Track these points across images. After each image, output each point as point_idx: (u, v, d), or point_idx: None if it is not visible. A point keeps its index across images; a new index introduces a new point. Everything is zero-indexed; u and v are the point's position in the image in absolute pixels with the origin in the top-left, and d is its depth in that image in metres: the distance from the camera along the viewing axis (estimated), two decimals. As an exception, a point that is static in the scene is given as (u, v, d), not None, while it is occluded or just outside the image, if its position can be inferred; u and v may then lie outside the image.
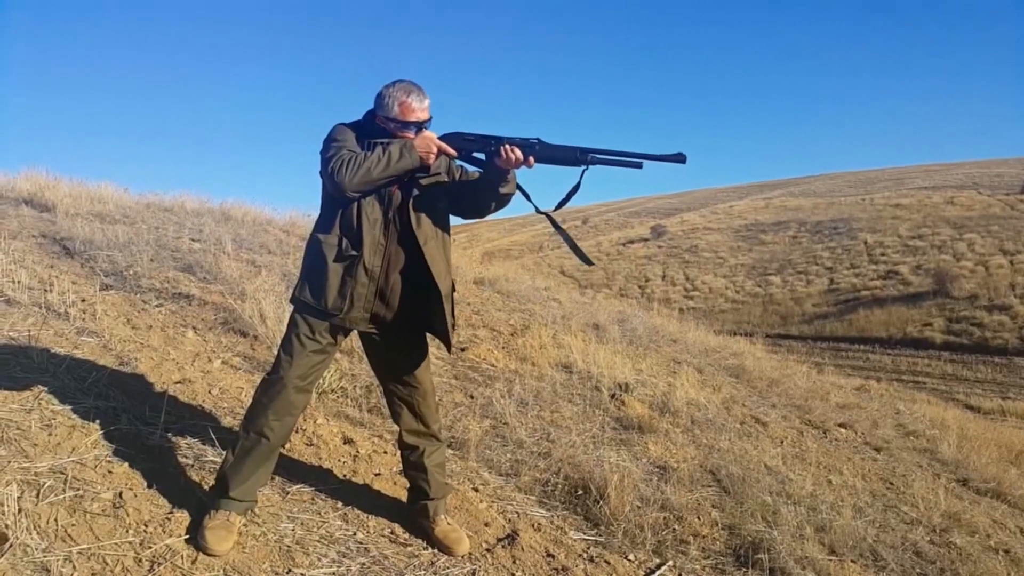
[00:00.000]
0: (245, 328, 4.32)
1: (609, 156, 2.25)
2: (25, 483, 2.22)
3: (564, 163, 2.26)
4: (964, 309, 24.54)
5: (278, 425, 2.28)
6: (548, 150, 2.24)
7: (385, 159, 2.14)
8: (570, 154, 2.26)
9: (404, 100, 2.23)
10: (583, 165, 2.26)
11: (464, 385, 4.55)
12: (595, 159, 2.25)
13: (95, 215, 7.12)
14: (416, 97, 2.24)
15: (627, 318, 8.73)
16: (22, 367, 2.97)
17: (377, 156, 2.14)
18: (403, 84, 2.25)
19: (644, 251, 41.32)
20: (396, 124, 2.24)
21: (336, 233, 2.23)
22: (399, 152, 2.16)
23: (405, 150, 2.17)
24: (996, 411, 14.46)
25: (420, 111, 2.25)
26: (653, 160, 2.23)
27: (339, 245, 2.22)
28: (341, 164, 2.12)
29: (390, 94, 2.24)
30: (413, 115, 2.24)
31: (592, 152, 2.25)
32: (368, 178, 2.13)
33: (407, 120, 2.23)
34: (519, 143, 2.22)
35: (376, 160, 2.13)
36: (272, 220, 9.13)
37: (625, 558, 2.72)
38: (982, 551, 3.67)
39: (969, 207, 38.23)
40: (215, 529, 2.19)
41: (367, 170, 2.12)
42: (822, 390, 7.81)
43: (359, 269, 2.23)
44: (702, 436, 4.52)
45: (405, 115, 2.23)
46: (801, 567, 2.89)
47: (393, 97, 2.23)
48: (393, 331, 2.37)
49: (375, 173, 2.13)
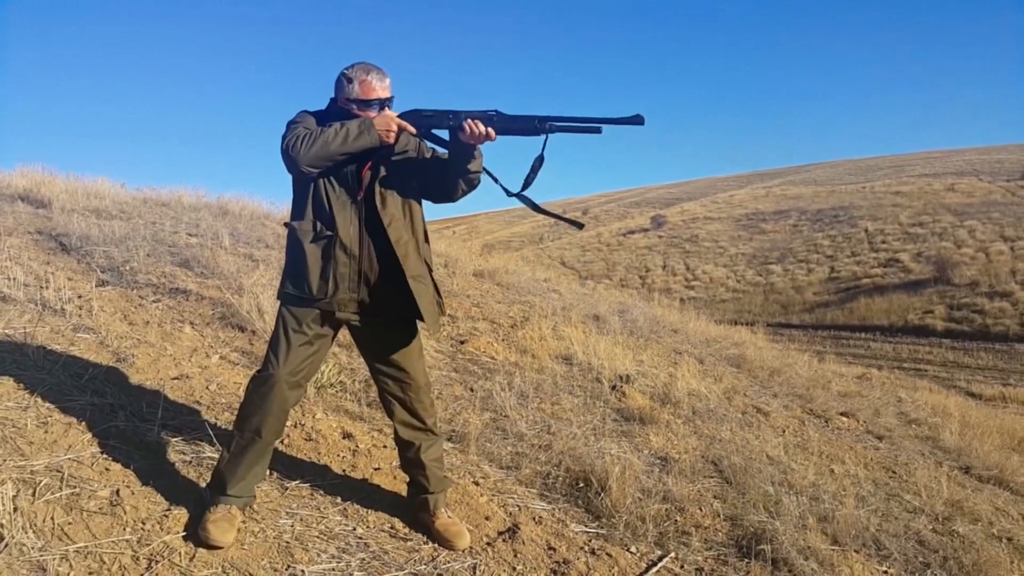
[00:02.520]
0: (243, 323, 4.30)
1: (568, 123, 2.20)
2: (21, 481, 2.20)
3: (523, 133, 2.22)
4: (965, 296, 24.52)
5: (271, 422, 2.26)
6: (507, 121, 2.20)
7: (343, 134, 2.11)
8: (529, 123, 2.21)
9: (364, 79, 2.20)
10: (543, 134, 2.21)
11: (464, 378, 4.53)
12: (554, 127, 2.20)
13: (91, 211, 7.08)
14: (376, 75, 2.21)
15: (627, 309, 8.71)
16: (18, 364, 2.95)
17: (334, 131, 2.11)
18: (362, 64, 2.23)
19: (644, 241, 41.28)
20: (358, 104, 2.21)
21: (309, 218, 2.22)
22: (357, 129, 2.13)
23: (364, 127, 2.14)
24: (997, 398, 14.46)
25: (381, 89, 2.22)
26: (611, 124, 2.18)
27: (314, 229, 2.21)
28: (296, 139, 2.10)
29: (349, 75, 2.22)
30: (373, 93, 2.21)
31: (551, 120, 2.20)
32: (324, 152, 2.10)
33: (368, 99, 2.21)
34: (478, 115, 2.19)
35: (333, 134, 2.11)
36: (270, 214, 9.08)
37: (627, 550, 2.71)
38: (985, 539, 3.66)
39: (969, 194, 38.17)
40: (217, 521, 2.18)
41: (322, 144, 2.09)
42: (823, 379, 7.79)
43: (336, 249, 2.20)
44: (703, 427, 4.51)
45: (366, 94, 2.20)
46: (804, 557, 2.88)
47: (353, 78, 2.21)
48: (379, 319, 2.34)
49: (332, 147, 2.10)
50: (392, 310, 2.33)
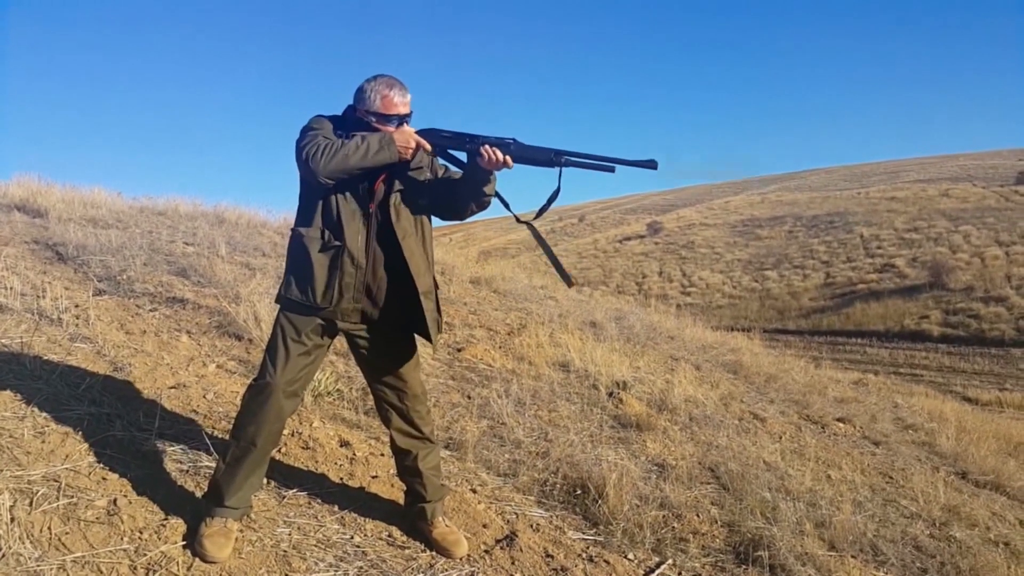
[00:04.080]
0: (240, 332, 4.30)
1: (583, 159, 2.24)
2: (18, 491, 2.19)
3: (538, 164, 2.25)
4: (960, 301, 24.59)
5: (267, 431, 2.25)
6: (523, 150, 2.23)
7: (364, 148, 2.12)
8: (545, 155, 2.24)
9: (386, 93, 2.22)
10: (557, 167, 2.24)
11: (461, 385, 4.53)
12: (569, 161, 2.24)
13: (88, 220, 7.08)
14: (398, 91, 2.23)
15: (624, 315, 8.73)
16: (15, 374, 2.95)
17: (355, 144, 2.13)
18: (385, 78, 2.24)
19: (641, 248, 41.35)
20: (377, 117, 2.23)
21: (318, 226, 2.22)
22: (378, 144, 2.14)
23: (384, 142, 2.15)
24: (994, 403, 14.50)
25: (401, 105, 2.23)
26: (625, 165, 2.22)
27: (322, 237, 2.21)
28: (317, 149, 2.11)
29: (372, 88, 2.23)
30: (394, 109, 2.22)
31: (566, 154, 2.23)
32: (344, 165, 2.11)
33: (388, 113, 2.22)
34: (495, 142, 2.21)
35: (354, 148, 2.12)
36: (266, 223, 9.09)
37: (624, 557, 2.71)
38: (982, 544, 3.67)
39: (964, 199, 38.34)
40: (213, 536, 2.17)
41: (343, 157, 2.10)
42: (820, 385, 7.82)
43: (344, 259, 2.21)
44: (700, 433, 4.51)
45: (386, 109, 2.22)
46: (801, 563, 2.88)
47: (375, 91, 2.22)
48: (379, 330, 2.34)
49: (352, 161, 2.11)
50: (393, 322, 2.34)
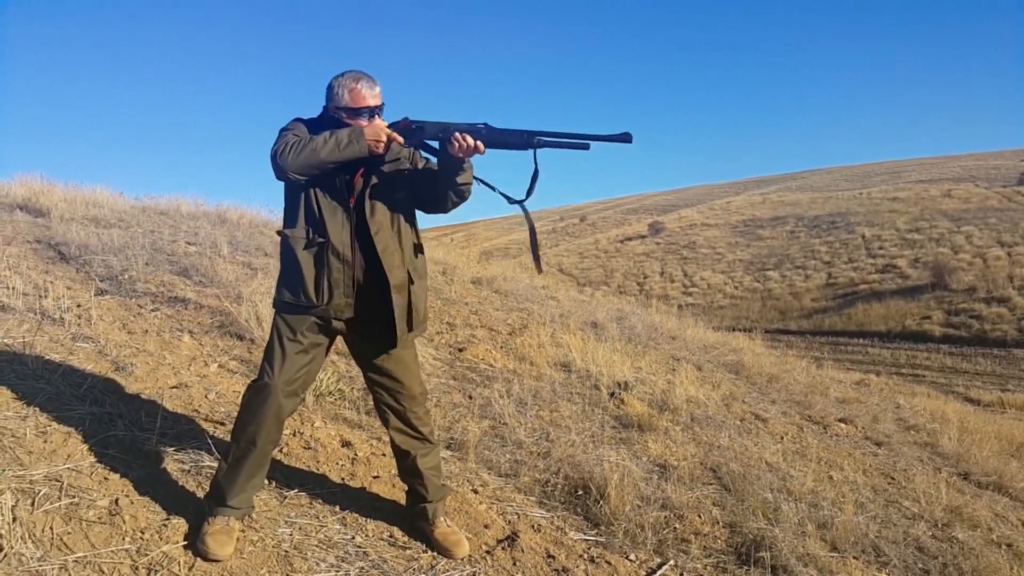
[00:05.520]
0: (241, 331, 4.30)
1: (556, 139, 2.22)
2: (20, 491, 2.20)
3: (512, 147, 2.22)
4: (963, 301, 24.54)
5: (267, 431, 2.25)
6: (495, 135, 2.21)
7: (332, 143, 2.12)
8: (518, 138, 2.21)
9: (353, 87, 2.21)
10: (531, 148, 2.22)
11: (462, 385, 4.53)
12: (542, 142, 2.21)
13: (90, 219, 7.09)
14: (366, 83, 2.22)
15: (625, 316, 8.72)
16: (17, 374, 2.95)
17: (323, 139, 2.13)
18: (352, 72, 2.24)
19: (642, 248, 41.31)
20: (347, 112, 2.22)
21: (302, 225, 2.22)
22: (347, 137, 2.14)
23: (354, 136, 2.14)
24: (996, 403, 14.46)
25: (371, 97, 2.22)
26: (599, 141, 2.19)
27: (306, 236, 2.22)
28: (285, 146, 2.12)
29: (339, 83, 2.22)
30: (363, 102, 2.22)
31: (539, 134, 2.21)
32: (312, 160, 2.11)
33: (358, 107, 2.21)
34: (467, 128, 2.19)
35: (322, 143, 2.12)
36: (268, 222, 9.09)
37: (626, 558, 2.71)
38: (984, 545, 3.66)
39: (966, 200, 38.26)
40: (216, 534, 2.18)
41: (311, 151, 2.10)
42: (822, 385, 7.81)
43: (329, 255, 2.21)
44: (702, 434, 4.51)
45: (356, 102, 2.21)
46: (803, 564, 2.88)
47: (342, 86, 2.22)
48: (372, 328, 2.34)
49: (322, 155, 2.11)
50: (381, 318, 2.33)
